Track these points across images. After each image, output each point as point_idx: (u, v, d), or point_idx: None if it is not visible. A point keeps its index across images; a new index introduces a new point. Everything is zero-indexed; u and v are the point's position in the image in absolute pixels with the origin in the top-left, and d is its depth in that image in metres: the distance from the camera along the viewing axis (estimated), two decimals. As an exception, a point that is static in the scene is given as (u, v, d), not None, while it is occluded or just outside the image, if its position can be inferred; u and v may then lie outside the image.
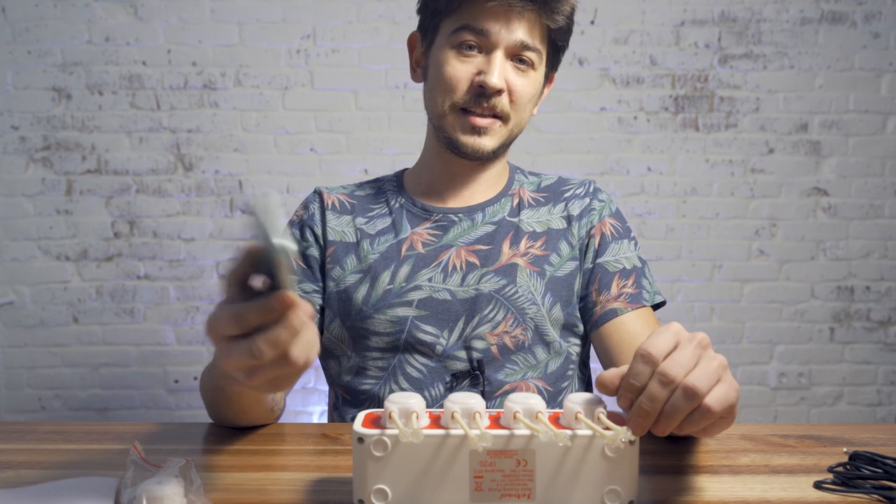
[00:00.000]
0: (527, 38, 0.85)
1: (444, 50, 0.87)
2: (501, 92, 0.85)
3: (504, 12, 0.83)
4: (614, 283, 0.91)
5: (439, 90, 0.88)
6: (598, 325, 0.91)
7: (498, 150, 0.91)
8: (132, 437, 0.78)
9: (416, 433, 0.50)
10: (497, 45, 0.84)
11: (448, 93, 0.87)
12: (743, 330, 2.29)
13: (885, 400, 2.32)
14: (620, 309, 0.89)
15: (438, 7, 0.88)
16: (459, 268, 0.90)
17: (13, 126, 2.16)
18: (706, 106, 2.23)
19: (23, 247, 2.19)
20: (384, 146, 2.21)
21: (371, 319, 0.89)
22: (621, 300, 0.90)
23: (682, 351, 0.51)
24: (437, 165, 0.96)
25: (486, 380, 0.87)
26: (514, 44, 0.85)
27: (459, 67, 0.86)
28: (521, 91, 0.87)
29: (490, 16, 0.84)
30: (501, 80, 0.84)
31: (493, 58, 0.84)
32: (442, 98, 0.88)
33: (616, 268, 0.93)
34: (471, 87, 0.86)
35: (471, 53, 0.86)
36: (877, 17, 2.21)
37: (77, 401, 2.23)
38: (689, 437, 0.75)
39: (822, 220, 2.28)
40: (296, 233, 0.96)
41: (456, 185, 0.96)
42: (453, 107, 0.87)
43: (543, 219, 0.95)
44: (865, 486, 0.59)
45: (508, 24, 0.84)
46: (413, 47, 0.96)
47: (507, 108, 0.87)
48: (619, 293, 0.91)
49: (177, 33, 2.15)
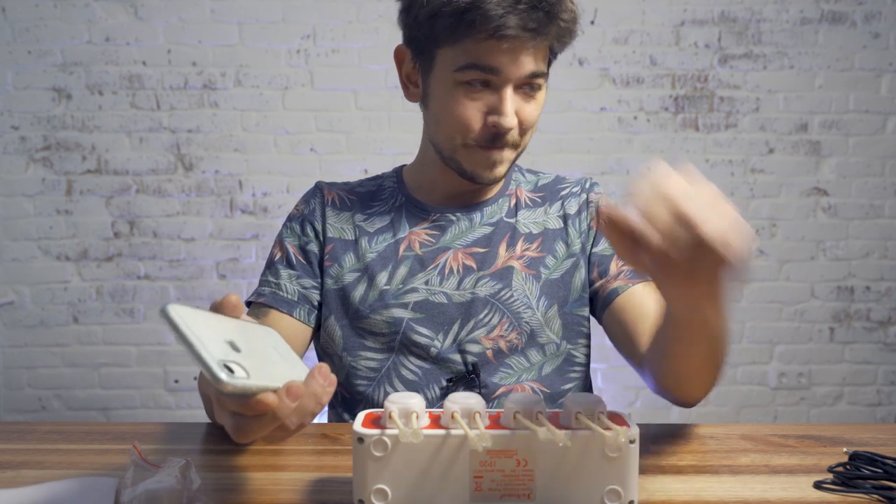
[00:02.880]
0: (535, 67, 0.82)
1: (450, 85, 0.83)
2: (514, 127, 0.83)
3: (513, 48, 0.79)
4: (612, 264, 0.91)
5: (449, 128, 0.85)
6: (605, 306, 0.90)
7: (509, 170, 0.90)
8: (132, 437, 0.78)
9: (416, 433, 0.50)
10: (507, 81, 0.81)
11: (460, 133, 0.84)
12: (743, 330, 2.29)
13: (885, 400, 2.32)
14: (622, 286, 0.89)
15: (435, 34, 0.81)
16: (456, 271, 0.90)
17: (13, 126, 2.16)
18: (706, 106, 2.23)
19: (23, 247, 2.19)
20: (384, 146, 2.21)
21: (367, 319, 0.89)
22: (622, 278, 0.90)
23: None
24: (438, 176, 0.94)
25: (482, 383, 0.87)
26: (523, 77, 0.81)
27: (471, 106, 0.82)
28: (531, 117, 0.85)
29: (499, 53, 0.79)
30: (514, 118, 0.82)
31: (504, 95, 0.81)
32: (452, 136, 0.85)
33: (613, 251, 0.92)
34: (484, 127, 0.83)
35: (479, 89, 0.82)
36: (877, 17, 2.21)
37: (77, 401, 2.23)
38: (690, 438, 0.75)
39: (822, 220, 2.28)
40: (296, 227, 0.96)
41: (455, 190, 0.95)
42: (466, 144, 0.85)
43: (540, 219, 0.95)
44: (865, 486, 0.59)
45: (517, 58, 0.80)
46: (401, 62, 0.91)
47: (518, 138, 0.86)
48: (619, 272, 0.91)
49: (177, 33, 2.15)
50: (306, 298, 0.92)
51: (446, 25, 0.79)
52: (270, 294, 0.91)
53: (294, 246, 0.95)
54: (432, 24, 0.80)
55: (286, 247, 0.95)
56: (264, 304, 0.91)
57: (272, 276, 0.93)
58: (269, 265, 0.95)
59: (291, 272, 0.93)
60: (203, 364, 0.40)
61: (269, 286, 0.92)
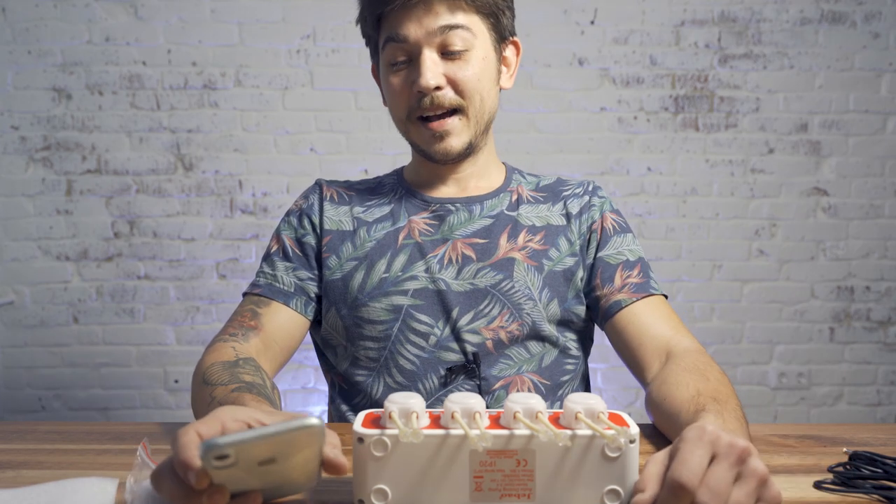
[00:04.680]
0: (444, 21, 0.84)
1: (385, 70, 0.89)
2: (440, 88, 0.85)
3: (409, 10, 0.84)
4: (617, 274, 0.91)
5: (392, 109, 0.91)
6: (607, 317, 0.90)
7: (472, 142, 0.91)
8: (132, 436, 0.78)
9: (416, 433, 0.50)
10: (419, 45, 0.85)
11: (398, 108, 0.89)
12: (743, 330, 2.29)
13: (884, 400, 2.32)
14: (625, 299, 0.89)
15: (368, 31, 0.91)
16: (456, 261, 0.90)
17: (13, 126, 2.16)
18: (706, 106, 2.23)
19: (23, 247, 2.19)
20: (384, 146, 2.21)
21: (366, 307, 0.89)
22: (626, 291, 0.90)
23: (718, 470, 0.47)
24: (425, 166, 0.97)
25: (481, 374, 0.87)
26: (432, 34, 0.84)
27: (397, 82, 0.88)
28: (464, 77, 0.86)
29: (400, 19, 0.84)
30: (435, 78, 0.84)
31: (421, 59, 0.85)
32: (397, 114, 0.91)
33: (618, 259, 0.92)
34: (412, 95, 0.87)
35: (402, 65, 0.87)
36: (877, 17, 2.21)
37: (77, 401, 2.23)
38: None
39: (822, 220, 2.28)
40: (293, 220, 0.97)
41: (447, 180, 0.96)
42: (409, 118, 0.89)
43: (543, 214, 0.95)
44: (865, 486, 0.59)
45: (418, 19, 0.84)
46: (377, 78, 0.98)
47: (458, 100, 0.86)
48: (623, 284, 0.90)
49: (177, 33, 2.15)
50: (303, 290, 0.92)
51: (372, 10, 0.87)
52: (266, 285, 0.92)
53: (291, 238, 0.96)
54: (366, 19, 0.89)
55: (283, 239, 0.96)
56: (260, 295, 0.91)
57: (268, 267, 0.94)
58: (265, 257, 0.96)
59: (288, 264, 0.94)
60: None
61: (266, 277, 0.93)
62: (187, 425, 0.49)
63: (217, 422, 0.51)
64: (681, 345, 0.82)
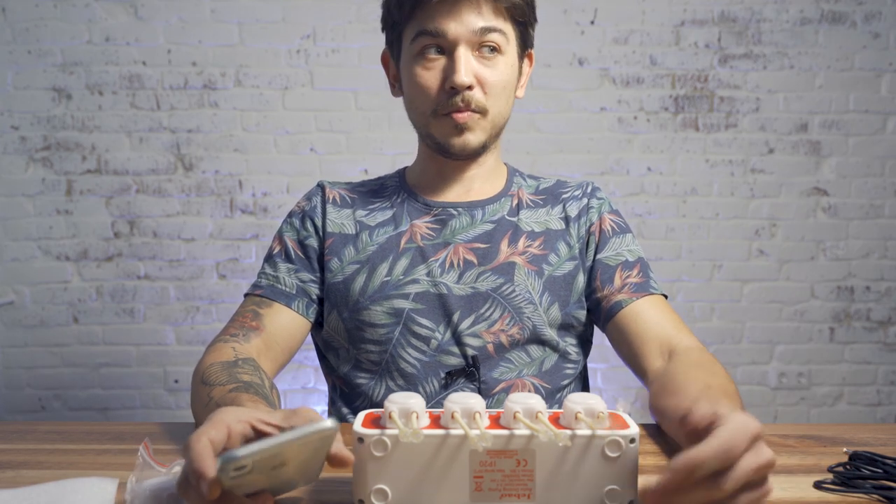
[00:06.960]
0: (485, 22, 0.84)
1: (410, 61, 0.88)
2: (472, 87, 0.85)
3: (453, 6, 0.83)
4: (617, 274, 0.91)
5: (416, 101, 0.90)
6: (608, 318, 0.90)
7: (486, 143, 0.91)
8: (132, 437, 0.78)
9: (416, 433, 0.50)
10: (457, 41, 0.84)
11: (423, 102, 0.88)
12: (743, 330, 2.29)
13: (884, 400, 2.32)
14: (626, 300, 0.89)
15: (395, 18, 0.89)
16: (457, 265, 0.90)
17: (13, 126, 2.16)
18: (706, 106, 2.24)
19: (23, 247, 2.19)
20: (384, 146, 2.21)
21: (368, 311, 0.89)
22: (626, 291, 0.90)
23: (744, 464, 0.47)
24: (431, 166, 0.97)
25: (481, 377, 0.87)
26: (473, 34, 0.84)
27: (427, 76, 0.87)
28: (493, 81, 0.87)
29: (441, 14, 0.84)
30: (469, 76, 0.84)
31: (457, 55, 0.84)
32: (420, 108, 0.89)
33: (618, 260, 0.93)
34: (443, 91, 0.86)
35: (434, 58, 0.86)
36: (877, 17, 2.21)
37: (77, 401, 2.23)
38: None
39: (822, 220, 2.28)
40: (296, 222, 0.97)
41: (452, 182, 0.96)
42: (434, 113, 0.88)
43: (542, 219, 0.95)
44: (865, 486, 0.59)
45: (461, 16, 0.84)
46: (387, 65, 0.97)
47: (483, 101, 0.87)
48: (623, 284, 0.90)
49: (177, 33, 2.15)
50: (304, 292, 0.92)
51: (402, 2, 0.86)
52: (268, 286, 0.92)
53: (293, 240, 0.96)
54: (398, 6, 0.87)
55: (285, 241, 0.96)
56: (262, 296, 0.91)
57: (271, 268, 0.94)
58: (267, 258, 0.96)
59: (290, 266, 0.94)
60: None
61: (267, 279, 0.93)
62: (197, 432, 0.49)
63: (223, 425, 0.51)
64: (683, 343, 0.83)
